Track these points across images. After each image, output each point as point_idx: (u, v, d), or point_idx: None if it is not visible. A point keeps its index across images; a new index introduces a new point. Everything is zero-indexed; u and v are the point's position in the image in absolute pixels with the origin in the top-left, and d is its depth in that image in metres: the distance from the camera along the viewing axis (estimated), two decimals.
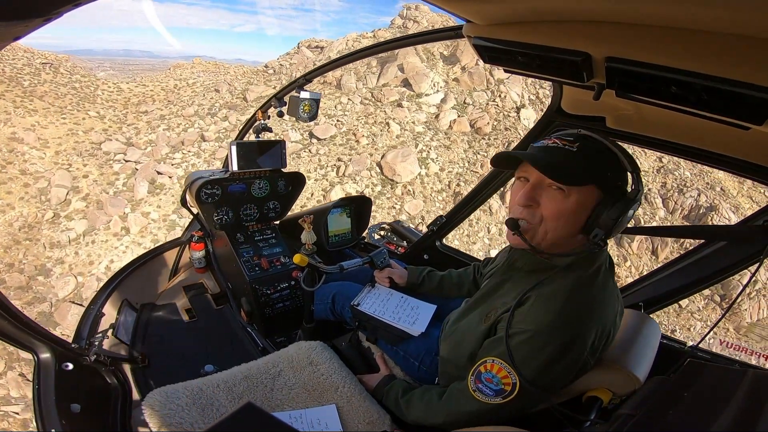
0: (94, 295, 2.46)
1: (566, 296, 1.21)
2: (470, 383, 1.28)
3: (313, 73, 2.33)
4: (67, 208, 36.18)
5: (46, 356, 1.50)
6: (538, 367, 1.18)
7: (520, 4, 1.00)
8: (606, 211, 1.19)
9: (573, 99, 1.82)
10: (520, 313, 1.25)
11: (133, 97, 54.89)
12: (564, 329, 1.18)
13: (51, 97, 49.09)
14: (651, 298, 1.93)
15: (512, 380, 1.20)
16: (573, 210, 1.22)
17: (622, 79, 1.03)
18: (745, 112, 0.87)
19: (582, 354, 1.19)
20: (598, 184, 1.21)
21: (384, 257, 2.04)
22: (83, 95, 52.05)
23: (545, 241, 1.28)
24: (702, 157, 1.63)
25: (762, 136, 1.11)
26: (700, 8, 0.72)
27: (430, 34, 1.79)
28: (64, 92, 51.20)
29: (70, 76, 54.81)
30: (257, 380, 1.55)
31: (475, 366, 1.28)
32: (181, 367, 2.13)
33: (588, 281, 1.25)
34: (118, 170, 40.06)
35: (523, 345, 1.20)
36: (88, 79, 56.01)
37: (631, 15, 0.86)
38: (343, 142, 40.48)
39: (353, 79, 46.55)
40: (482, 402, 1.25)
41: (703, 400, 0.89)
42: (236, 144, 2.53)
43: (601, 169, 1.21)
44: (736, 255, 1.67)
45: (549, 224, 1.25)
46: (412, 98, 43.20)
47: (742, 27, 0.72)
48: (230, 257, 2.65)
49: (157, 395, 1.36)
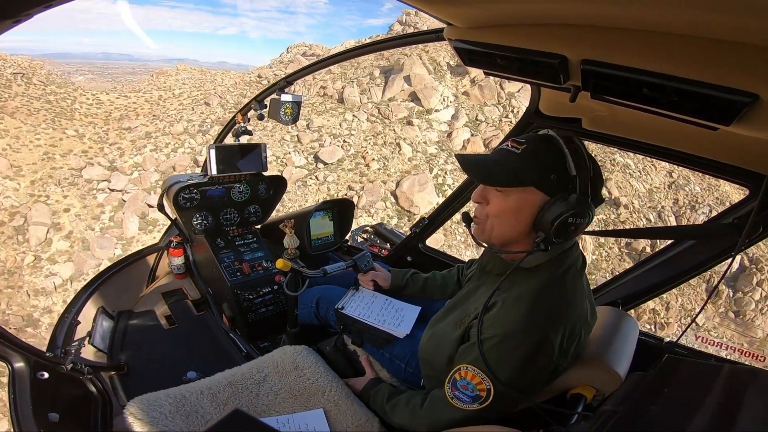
0: (68, 303, 2.38)
1: (532, 299, 1.24)
2: (447, 391, 1.31)
3: (293, 76, 2.31)
4: (48, 249, 32.87)
5: (20, 365, 1.45)
6: (510, 371, 1.20)
7: (498, 7, 1.02)
8: (545, 213, 1.22)
9: (550, 101, 1.86)
10: (489, 317, 1.27)
11: (114, 110, 50.36)
12: (530, 332, 1.20)
13: (23, 114, 44.52)
14: (628, 295, 1.98)
15: (486, 386, 1.22)
16: (513, 209, 1.27)
17: (596, 82, 1.05)
18: (714, 113, 0.90)
19: (551, 356, 1.21)
20: (537, 186, 1.23)
21: (368, 260, 2.04)
22: (59, 110, 47.51)
23: (493, 237, 1.35)
24: (673, 157, 1.69)
25: (730, 137, 1.16)
26: (672, 12, 0.75)
27: (411, 36, 1.81)
28: (38, 107, 46.55)
29: (44, 87, 50.19)
30: (242, 386, 1.53)
31: (451, 374, 1.31)
32: (162, 375, 2.08)
33: (556, 282, 1.28)
34: (103, 201, 36.86)
35: (493, 350, 1.22)
36: (64, 91, 51.35)
37: (606, 18, 0.88)
38: (353, 167, 38.06)
39: (356, 92, 44.17)
40: (461, 409, 1.27)
41: (683, 395, 0.91)
42: (215, 147, 2.49)
43: (543, 172, 1.23)
44: (708, 251, 1.73)
45: (493, 221, 1.32)
46: (422, 114, 41.40)
47: (712, 30, 0.75)
48: (210, 263, 2.61)
49: (139, 403, 1.32)
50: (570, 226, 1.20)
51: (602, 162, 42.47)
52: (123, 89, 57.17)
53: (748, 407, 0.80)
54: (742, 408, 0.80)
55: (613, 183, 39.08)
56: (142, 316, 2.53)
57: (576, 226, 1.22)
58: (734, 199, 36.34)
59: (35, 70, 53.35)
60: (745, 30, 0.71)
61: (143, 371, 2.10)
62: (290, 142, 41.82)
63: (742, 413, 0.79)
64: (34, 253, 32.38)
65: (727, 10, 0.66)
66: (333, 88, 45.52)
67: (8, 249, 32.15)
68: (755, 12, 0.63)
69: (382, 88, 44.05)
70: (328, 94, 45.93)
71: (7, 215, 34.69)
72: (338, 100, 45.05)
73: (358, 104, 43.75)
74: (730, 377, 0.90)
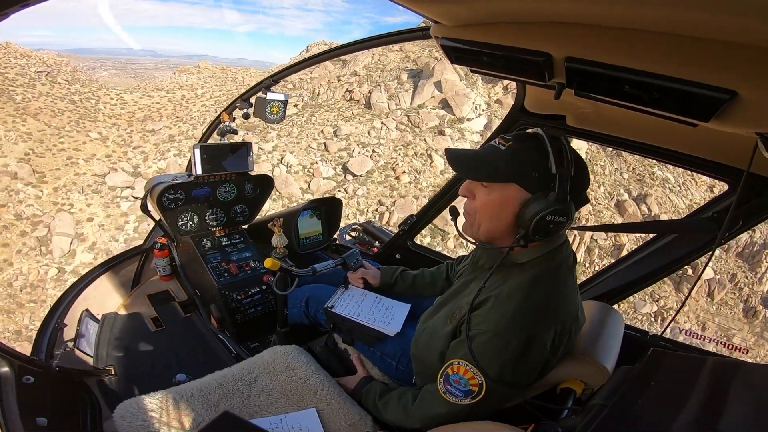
0: (51, 306, 2.32)
1: (523, 296, 1.24)
2: (440, 385, 1.31)
3: (280, 74, 2.29)
4: (72, 261, 31.89)
5: (5, 370, 1.41)
6: (501, 367, 1.21)
7: (485, 5, 1.03)
8: (525, 210, 1.24)
9: (536, 98, 1.89)
10: (480, 314, 1.28)
11: (137, 110, 48.67)
12: (522, 329, 1.20)
13: (47, 115, 42.52)
14: (613, 290, 2.02)
15: (479, 381, 1.23)
16: (496, 204, 1.29)
17: (580, 79, 1.07)
18: (693, 110, 0.92)
19: (543, 352, 1.22)
20: (519, 182, 1.25)
21: (357, 258, 2.04)
22: (83, 111, 45.55)
23: (480, 231, 1.37)
24: (655, 153, 1.73)
25: (709, 133, 1.19)
26: (654, 10, 0.76)
27: (398, 34, 1.81)
28: (62, 108, 44.54)
29: (68, 86, 48.28)
30: (233, 387, 1.52)
31: (443, 368, 1.31)
32: (151, 378, 2.05)
33: (547, 279, 1.29)
34: (127, 210, 35.77)
35: (484, 345, 1.22)
36: (88, 90, 49.25)
37: (590, 17, 0.90)
38: (382, 179, 36.56)
39: (384, 97, 42.23)
40: (453, 403, 1.28)
41: (669, 387, 0.93)
42: (200, 147, 2.46)
43: (525, 169, 1.24)
44: (689, 246, 1.77)
45: (479, 216, 1.35)
46: (454, 123, 39.88)
47: (692, 29, 0.77)
48: (197, 264, 2.57)
49: (129, 406, 1.31)
50: (549, 224, 1.21)
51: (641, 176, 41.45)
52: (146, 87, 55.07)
53: (733, 399, 0.83)
54: (727, 400, 0.83)
55: (653, 199, 38.44)
56: (128, 319, 2.49)
57: (556, 224, 1.22)
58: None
59: (61, 67, 51.52)
60: (724, 28, 0.73)
61: (131, 374, 2.06)
62: (317, 150, 40.37)
63: (727, 405, 0.81)
64: (57, 265, 31.42)
65: (706, 9, 0.67)
66: (360, 92, 43.82)
67: (31, 261, 31.21)
68: (734, 10, 0.65)
69: (411, 94, 42.30)
70: (354, 98, 44.32)
71: (30, 224, 33.28)
72: (365, 105, 43.53)
73: (386, 110, 41.95)
74: (715, 370, 0.92)
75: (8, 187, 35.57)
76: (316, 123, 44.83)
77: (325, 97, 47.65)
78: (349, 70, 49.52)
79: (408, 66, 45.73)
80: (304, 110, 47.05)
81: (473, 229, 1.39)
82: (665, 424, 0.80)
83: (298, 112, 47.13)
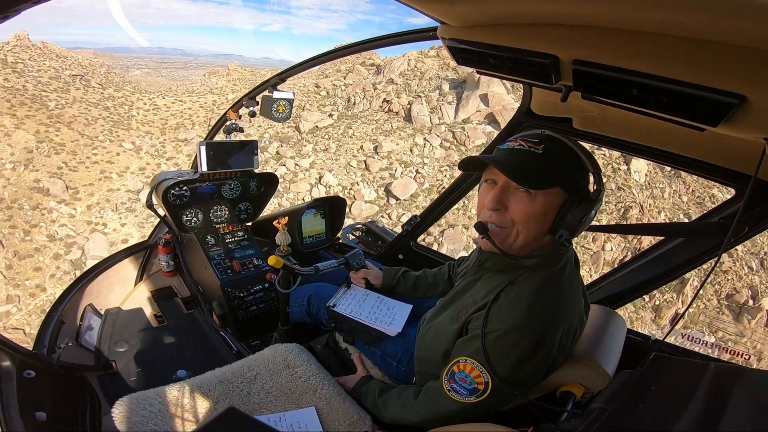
0: (54, 300, 2.34)
1: (534, 295, 1.24)
2: (444, 383, 1.30)
3: (287, 73, 2.30)
4: None
5: (6, 364, 1.42)
6: (509, 366, 1.21)
7: (492, 6, 1.02)
8: (571, 212, 1.23)
9: (542, 101, 1.88)
10: (490, 312, 1.27)
11: (170, 117, 47.47)
12: (532, 328, 1.21)
13: (80, 124, 41.23)
14: (616, 294, 2.00)
15: (485, 379, 1.22)
16: (540, 212, 1.24)
17: (587, 82, 1.06)
18: (701, 114, 0.91)
19: (551, 351, 1.22)
20: (562, 185, 1.24)
21: (359, 258, 2.04)
22: (117, 118, 44.27)
23: (516, 243, 1.30)
24: (661, 157, 1.71)
25: (717, 137, 1.18)
26: (662, 13, 0.75)
27: (405, 35, 1.81)
28: (96, 115, 43.26)
29: (102, 91, 47.17)
30: (233, 384, 1.52)
31: (449, 366, 1.30)
32: (151, 374, 2.06)
33: (554, 280, 1.29)
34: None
35: (495, 343, 1.22)
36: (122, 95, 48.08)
37: (598, 19, 0.89)
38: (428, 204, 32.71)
39: (425, 110, 38.82)
40: (457, 401, 1.28)
41: (670, 393, 0.93)
42: (206, 144, 2.47)
43: (566, 171, 1.24)
44: (694, 251, 1.76)
45: (519, 227, 1.27)
46: None
47: (701, 32, 0.76)
48: (200, 260, 2.58)
49: (128, 402, 1.31)
50: (588, 220, 1.24)
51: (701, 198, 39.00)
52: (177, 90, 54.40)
53: (734, 405, 0.82)
54: (728, 406, 0.82)
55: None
56: (130, 315, 2.50)
57: (591, 220, 1.25)
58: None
59: (95, 68, 50.56)
60: (733, 32, 0.72)
61: (132, 370, 2.07)
62: (357, 169, 38.00)
63: (728, 411, 0.80)
64: None
65: (716, 12, 0.67)
66: (398, 103, 40.97)
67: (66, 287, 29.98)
68: (744, 14, 0.64)
69: (454, 107, 38.99)
70: (393, 109, 41.55)
71: (64, 246, 31.96)
72: (405, 119, 40.52)
73: (428, 125, 38.78)
74: (716, 375, 0.92)
75: (40, 205, 34.17)
76: (353, 137, 42.69)
77: (361, 107, 45.47)
78: (385, 77, 46.85)
79: (448, 75, 43.23)
80: (340, 121, 45.89)
81: (508, 241, 1.31)
82: (665, 428, 0.80)
83: (334, 123, 45.79)
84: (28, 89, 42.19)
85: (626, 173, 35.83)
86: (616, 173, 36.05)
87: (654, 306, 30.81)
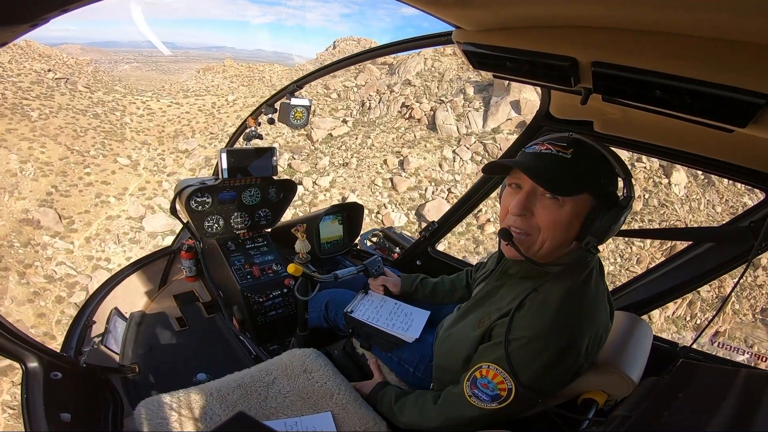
0: (82, 303, 2.41)
1: (560, 302, 1.21)
2: (466, 389, 1.28)
3: (304, 80, 2.33)
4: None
5: (34, 365, 1.47)
6: (534, 373, 1.18)
7: (507, 9, 1.02)
8: (599, 218, 1.19)
9: (561, 104, 1.85)
10: (516, 319, 1.25)
11: (167, 123, 41.89)
12: (559, 335, 1.18)
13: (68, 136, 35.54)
14: (642, 300, 1.95)
15: (508, 386, 1.20)
16: (568, 219, 1.20)
17: (608, 84, 1.04)
18: (729, 115, 0.88)
19: (577, 358, 1.19)
20: (591, 192, 1.20)
21: (378, 265, 2.04)
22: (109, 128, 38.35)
23: (542, 250, 1.27)
24: (688, 160, 1.66)
25: (745, 139, 1.14)
26: (684, 12, 0.74)
27: (419, 40, 1.81)
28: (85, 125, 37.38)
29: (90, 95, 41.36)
30: (251, 388, 1.54)
31: (471, 372, 1.28)
32: (172, 376, 2.10)
33: (580, 286, 1.26)
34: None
35: (519, 351, 1.20)
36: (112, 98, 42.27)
37: (617, 20, 0.87)
38: (463, 229, 30.11)
39: (451, 118, 35.39)
40: (478, 407, 1.25)
41: (697, 400, 0.90)
42: (226, 151, 2.52)
43: (595, 177, 1.21)
44: (723, 256, 1.70)
45: (545, 234, 1.23)
46: None
47: (725, 31, 0.74)
48: (221, 265, 2.63)
49: (150, 404, 1.34)
50: (617, 227, 1.21)
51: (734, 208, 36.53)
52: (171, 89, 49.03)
53: (766, 412, 0.78)
54: (759, 413, 0.79)
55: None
56: (154, 318, 2.56)
57: (620, 226, 1.23)
58: None
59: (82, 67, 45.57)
60: (759, 31, 0.70)
61: (154, 373, 2.12)
62: (383, 188, 33.76)
63: (759, 419, 0.77)
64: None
65: (740, 12, 0.65)
66: (420, 110, 37.35)
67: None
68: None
69: (482, 115, 35.66)
70: (414, 116, 37.95)
71: (65, 287, 27.62)
72: (429, 127, 37.00)
73: (455, 134, 35.35)
74: (747, 382, 0.88)
75: (32, 241, 29.24)
76: (373, 148, 38.78)
77: (377, 112, 42.89)
78: (401, 77, 42.85)
79: (470, 76, 39.31)
80: (357, 128, 42.30)
81: (533, 248, 1.28)
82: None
83: (350, 131, 42.12)
84: (8, 97, 36.43)
85: (667, 187, 33.46)
86: (658, 187, 33.72)
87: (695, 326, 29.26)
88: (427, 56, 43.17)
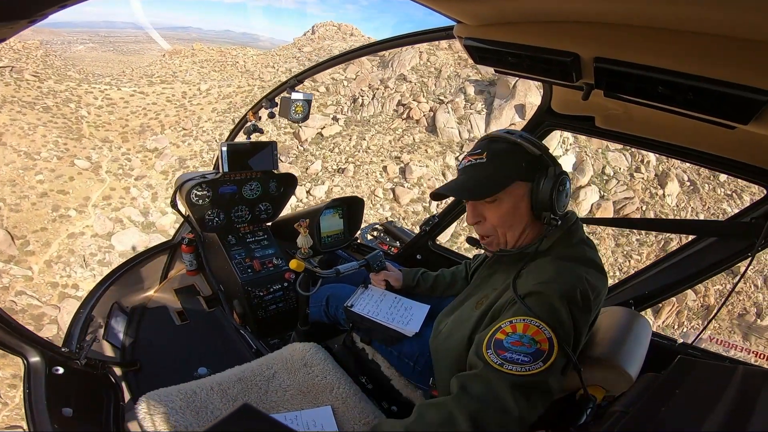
0: (83, 298, 2.42)
1: (554, 261, 1.26)
2: (491, 358, 1.02)
3: (304, 74, 2.32)
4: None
5: (35, 360, 1.48)
6: (557, 317, 1.06)
7: (510, 4, 1.01)
8: (539, 194, 1.28)
9: (563, 99, 1.84)
10: (518, 284, 1.21)
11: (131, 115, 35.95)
12: (567, 276, 1.16)
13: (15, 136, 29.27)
14: (641, 296, 1.95)
15: (546, 335, 1.00)
16: (512, 209, 1.31)
17: (610, 79, 1.04)
18: (731, 112, 0.88)
19: (589, 296, 1.13)
20: (519, 178, 1.29)
21: (380, 260, 2.04)
22: (62, 123, 32.30)
23: (509, 242, 1.38)
24: (690, 156, 1.66)
25: (747, 135, 1.13)
26: (687, 9, 0.73)
27: (420, 34, 1.80)
28: (34, 120, 31.18)
29: (39, 84, 35.53)
30: (251, 382, 1.54)
31: (489, 336, 1.08)
32: (173, 370, 2.11)
33: (569, 251, 1.31)
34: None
35: (536, 299, 1.11)
36: (65, 88, 36.26)
37: (619, 15, 0.87)
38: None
39: (452, 120, 33.35)
40: (518, 375, 0.98)
41: (695, 396, 0.90)
42: (227, 145, 2.52)
43: (515, 165, 1.30)
44: (724, 252, 1.70)
45: (501, 230, 1.36)
46: None
47: (728, 28, 0.74)
48: (222, 259, 2.63)
49: (151, 398, 1.35)
50: (562, 194, 1.29)
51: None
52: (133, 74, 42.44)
53: (762, 409, 0.79)
54: (756, 410, 0.79)
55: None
56: (155, 312, 2.57)
57: (566, 193, 1.31)
58: None
59: (30, 52, 38.53)
60: (762, 28, 0.69)
61: (155, 367, 2.13)
62: (384, 200, 30.58)
63: (756, 415, 0.77)
64: None
65: (743, 8, 0.64)
66: (419, 110, 34.96)
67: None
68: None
69: (484, 118, 33.77)
70: (413, 117, 35.36)
71: (31, 320, 22.78)
72: (429, 129, 34.64)
73: (457, 139, 33.48)
74: (744, 379, 0.88)
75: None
76: (370, 151, 35.54)
77: (371, 109, 39.55)
78: (394, 71, 39.72)
79: (470, 74, 36.73)
80: (349, 128, 38.67)
81: (501, 244, 1.39)
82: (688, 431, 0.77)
83: (342, 131, 38.34)
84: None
85: (662, 198, 32.81)
86: (654, 199, 33.13)
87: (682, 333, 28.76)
88: (422, 50, 40.60)
